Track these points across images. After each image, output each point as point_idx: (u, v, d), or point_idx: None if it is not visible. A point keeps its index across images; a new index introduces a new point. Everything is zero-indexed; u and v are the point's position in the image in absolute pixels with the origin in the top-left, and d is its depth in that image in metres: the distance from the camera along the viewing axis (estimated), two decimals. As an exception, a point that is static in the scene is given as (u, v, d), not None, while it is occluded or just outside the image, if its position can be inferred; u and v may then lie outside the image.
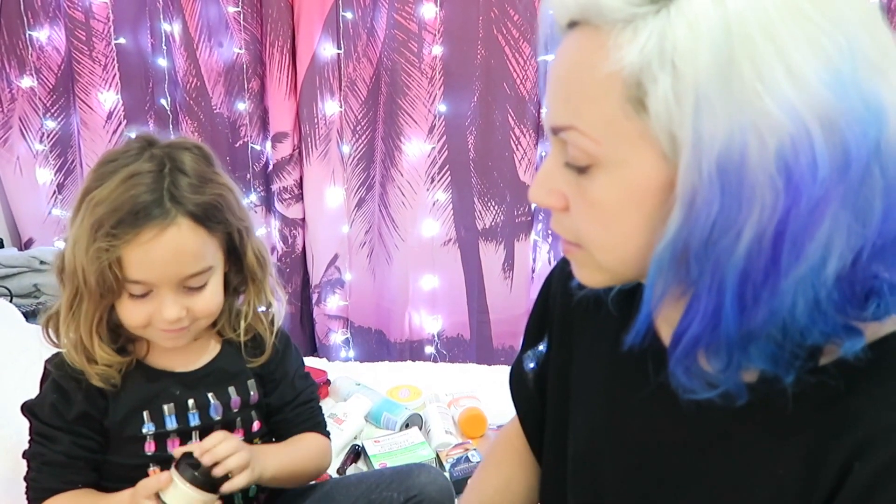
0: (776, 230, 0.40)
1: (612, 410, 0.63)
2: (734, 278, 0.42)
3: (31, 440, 0.89)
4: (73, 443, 0.87)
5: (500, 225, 2.13)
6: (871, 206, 0.41)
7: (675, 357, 0.47)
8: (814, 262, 0.41)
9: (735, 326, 0.44)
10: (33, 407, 0.89)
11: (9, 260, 1.97)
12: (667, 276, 0.46)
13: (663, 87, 0.42)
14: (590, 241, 0.51)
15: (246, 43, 2.05)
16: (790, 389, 0.47)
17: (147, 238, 0.78)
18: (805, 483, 0.48)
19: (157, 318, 0.82)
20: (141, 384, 0.89)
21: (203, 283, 0.84)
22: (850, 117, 0.39)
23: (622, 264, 0.50)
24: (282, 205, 2.22)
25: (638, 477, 0.60)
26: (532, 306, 0.78)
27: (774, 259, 0.41)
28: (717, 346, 0.45)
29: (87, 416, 0.88)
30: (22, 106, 2.12)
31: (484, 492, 0.82)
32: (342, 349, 2.36)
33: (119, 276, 0.79)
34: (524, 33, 1.94)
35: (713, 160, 0.41)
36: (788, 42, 0.39)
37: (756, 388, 0.48)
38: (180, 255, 0.81)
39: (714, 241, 0.42)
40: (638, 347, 0.51)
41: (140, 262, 0.79)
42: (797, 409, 0.48)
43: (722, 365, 0.46)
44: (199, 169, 0.83)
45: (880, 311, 0.44)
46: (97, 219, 0.77)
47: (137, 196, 0.78)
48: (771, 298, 0.42)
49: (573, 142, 0.47)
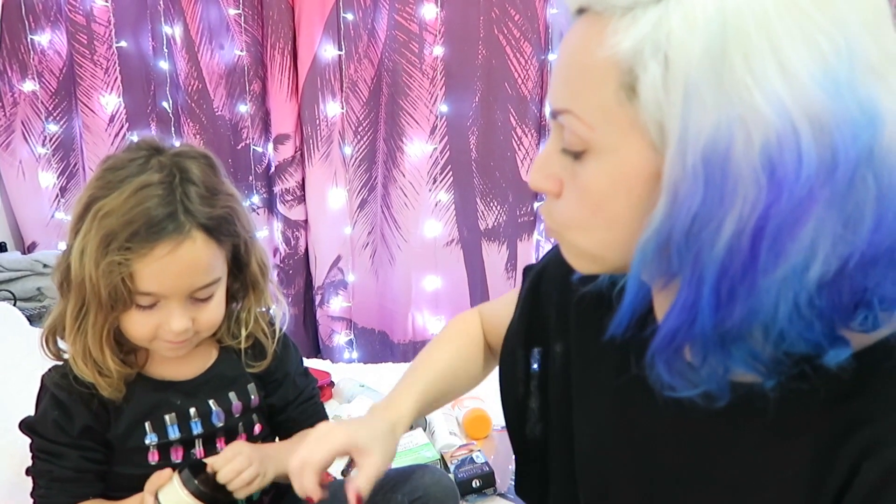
0: (756, 226, 0.40)
1: (615, 406, 0.63)
2: (713, 272, 0.42)
3: (36, 457, 0.88)
4: (82, 457, 0.87)
5: (503, 225, 2.13)
6: (861, 214, 0.40)
7: (654, 349, 0.47)
8: (796, 263, 0.40)
9: (711, 322, 0.43)
10: (34, 425, 0.88)
11: (12, 263, 1.97)
12: (650, 266, 0.46)
13: (653, 75, 0.42)
14: (573, 226, 0.51)
15: (247, 45, 2.05)
16: (772, 394, 0.46)
17: (163, 252, 0.77)
18: (813, 484, 0.48)
19: (163, 329, 0.82)
20: (141, 395, 0.89)
21: (210, 295, 0.84)
22: (842, 119, 0.39)
23: (604, 250, 0.50)
24: (284, 206, 2.22)
25: (644, 475, 0.60)
26: (519, 309, 0.78)
27: (753, 255, 0.41)
28: (694, 341, 0.45)
29: (91, 430, 0.87)
30: (24, 110, 2.13)
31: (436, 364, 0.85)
32: (345, 350, 2.36)
33: (130, 289, 0.78)
34: (525, 33, 1.94)
35: (698, 152, 0.40)
36: (784, 38, 0.39)
37: (760, 389, 0.48)
38: (193, 269, 0.80)
39: (695, 234, 0.42)
40: (638, 341, 0.50)
41: (153, 275, 0.78)
42: (801, 410, 0.48)
43: (699, 361, 0.46)
44: (207, 180, 0.82)
45: (868, 324, 0.44)
46: (109, 231, 0.76)
47: (151, 209, 0.77)
48: (749, 296, 0.42)
49: (569, 126, 0.48)
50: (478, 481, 1.25)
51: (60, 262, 0.83)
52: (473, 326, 0.89)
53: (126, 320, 0.82)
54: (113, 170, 0.80)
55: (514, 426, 0.81)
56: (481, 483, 1.25)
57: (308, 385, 1.02)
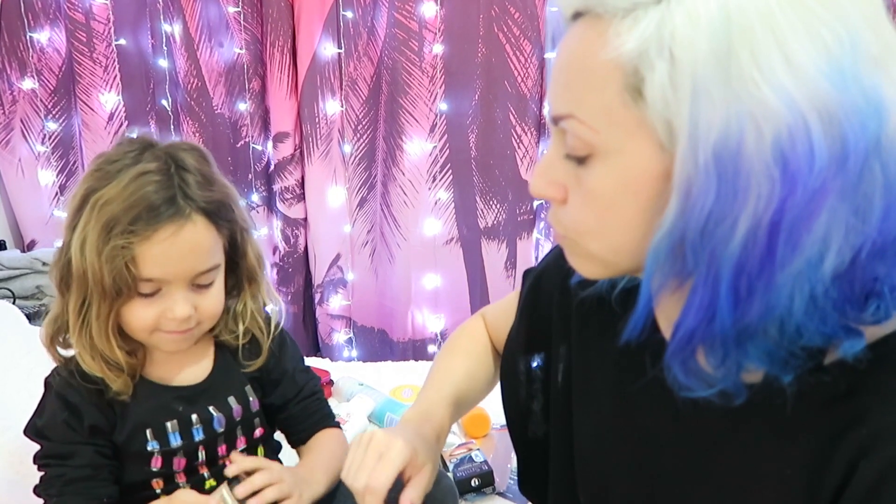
0: (772, 220, 0.40)
1: (616, 407, 0.63)
2: (729, 270, 0.42)
3: (45, 465, 0.87)
4: (96, 451, 0.86)
5: (503, 223, 2.13)
6: (870, 204, 0.41)
7: (671, 351, 0.47)
8: (811, 256, 0.41)
9: (730, 320, 0.43)
10: (43, 430, 0.87)
11: (11, 262, 1.97)
12: (664, 267, 0.46)
13: (660, 74, 0.42)
14: (585, 231, 0.51)
15: (246, 43, 2.05)
16: (789, 389, 0.46)
17: (165, 235, 0.78)
18: (811, 483, 0.48)
19: (166, 317, 0.82)
20: (142, 399, 0.88)
21: (211, 281, 0.85)
22: (849, 109, 0.39)
23: (616, 254, 0.50)
24: (283, 205, 2.22)
25: (644, 473, 0.60)
26: (519, 313, 0.78)
27: (770, 250, 0.41)
28: (712, 341, 0.45)
29: (98, 429, 0.86)
30: (23, 108, 2.12)
31: (456, 372, 0.85)
32: (345, 349, 2.36)
33: (134, 275, 0.78)
34: (525, 31, 1.94)
35: (709, 149, 0.40)
36: (788, 32, 0.39)
37: (762, 388, 0.48)
38: (195, 252, 0.81)
39: (710, 232, 0.42)
40: (641, 343, 0.50)
41: (156, 259, 0.78)
42: (802, 409, 0.48)
43: (718, 361, 0.46)
44: (202, 168, 0.83)
45: (880, 313, 0.44)
46: (110, 217, 0.77)
47: (151, 193, 0.78)
48: (766, 292, 0.42)
49: (572, 131, 0.48)
50: (477, 480, 1.25)
51: (58, 259, 0.83)
52: (480, 332, 0.90)
53: (127, 311, 0.82)
54: (109, 161, 0.81)
55: (516, 427, 0.81)
56: (480, 482, 1.25)
57: (309, 381, 1.01)
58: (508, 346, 0.80)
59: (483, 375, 0.87)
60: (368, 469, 0.68)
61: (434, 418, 0.77)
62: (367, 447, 0.70)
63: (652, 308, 0.48)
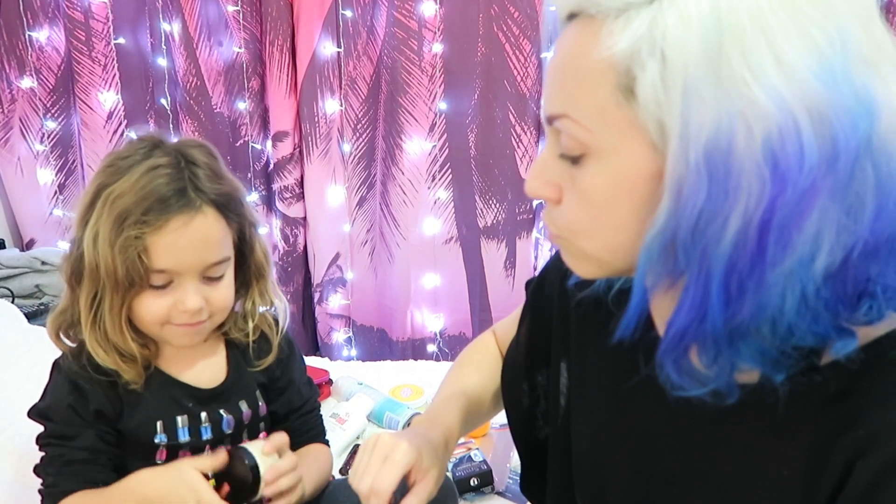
0: (762, 219, 0.40)
1: (612, 407, 0.63)
2: (720, 268, 0.42)
3: (46, 444, 0.87)
4: (97, 436, 0.86)
5: (502, 223, 2.13)
6: (862, 203, 0.41)
7: (663, 349, 0.47)
8: (802, 255, 0.41)
9: (721, 319, 0.43)
10: (46, 410, 0.87)
11: (10, 261, 1.97)
12: (656, 266, 0.46)
13: (651, 74, 0.42)
14: (579, 231, 0.51)
15: (246, 42, 2.05)
16: (782, 389, 0.46)
17: (177, 226, 0.79)
18: (807, 484, 0.48)
19: (177, 309, 0.83)
20: (154, 391, 0.89)
21: (221, 274, 0.86)
22: (840, 109, 0.39)
23: (610, 254, 0.50)
24: (283, 204, 2.22)
25: (639, 474, 0.60)
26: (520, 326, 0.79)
27: (761, 249, 0.41)
28: (704, 339, 0.45)
29: (103, 415, 0.87)
30: (22, 106, 2.12)
31: (466, 383, 0.85)
32: (344, 348, 2.36)
33: (146, 266, 0.79)
34: (524, 30, 1.94)
35: (700, 148, 0.41)
36: (778, 32, 0.39)
37: (757, 389, 0.48)
38: (206, 243, 0.82)
39: (701, 231, 0.42)
40: (635, 342, 0.50)
41: (168, 249, 0.80)
42: (798, 409, 0.48)
43: (710, 360, 0.46)
44: (210, 163, 0.85)
45: (873, 314, 0.44)
46: (123, 209, 0.78)
47: (163, 185, 0.79)
48: (757, 291, 0.42)
49: (566, 130, 0.48)
50: (476, 480, 1.25)
51: (70, 254, 0.84)
52: (492, 347, 0.90)
53: (139, 304, 0.83)
54: (120, 158, 0.83)
55: (519, 430, 0.81)
56: (479, 481, 1.25)
57: (312, 396, 1.03)
58: (510, 354, 0.81)
59: (494, 388, 0.86)
60: (373, 471, 0.67)
61: (443, 424, 0.76)
62: (372, 450, 0.69)
63: (646, 307, 0.48)
